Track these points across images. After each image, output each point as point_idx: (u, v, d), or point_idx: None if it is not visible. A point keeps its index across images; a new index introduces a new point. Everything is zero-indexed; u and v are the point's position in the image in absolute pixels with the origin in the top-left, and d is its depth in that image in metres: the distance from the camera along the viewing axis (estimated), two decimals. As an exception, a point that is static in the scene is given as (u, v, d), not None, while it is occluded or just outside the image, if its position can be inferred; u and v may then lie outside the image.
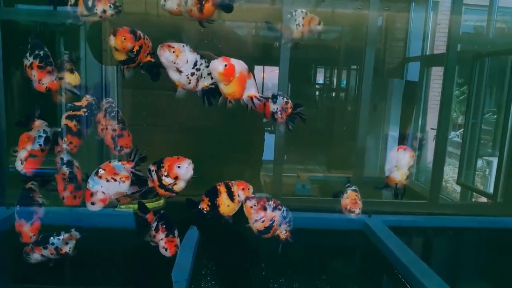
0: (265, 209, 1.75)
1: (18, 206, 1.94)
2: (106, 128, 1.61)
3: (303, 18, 2.12)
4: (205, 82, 1.64)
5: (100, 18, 1.57)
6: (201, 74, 1.60)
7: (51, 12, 4.28)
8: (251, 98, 1.61)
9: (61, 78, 1.74)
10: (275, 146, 3.59)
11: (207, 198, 1.79)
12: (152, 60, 1.61)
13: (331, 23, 6.28)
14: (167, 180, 1.61)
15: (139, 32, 1.60)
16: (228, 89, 1.57)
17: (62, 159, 1.82)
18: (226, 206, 1.77)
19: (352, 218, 2.04)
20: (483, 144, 5.73)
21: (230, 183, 1.84)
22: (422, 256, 3.49)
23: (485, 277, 3.58)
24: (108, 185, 1.63)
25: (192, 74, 1.59)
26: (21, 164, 1.78)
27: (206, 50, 1.68)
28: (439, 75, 5.81)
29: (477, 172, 5.67)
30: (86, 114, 1.71)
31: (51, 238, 1.86)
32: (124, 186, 1.67)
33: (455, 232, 4.20)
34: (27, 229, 1.83)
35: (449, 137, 5.58)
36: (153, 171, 1.66)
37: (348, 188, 1.99)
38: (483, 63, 5.21)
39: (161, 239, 1.78)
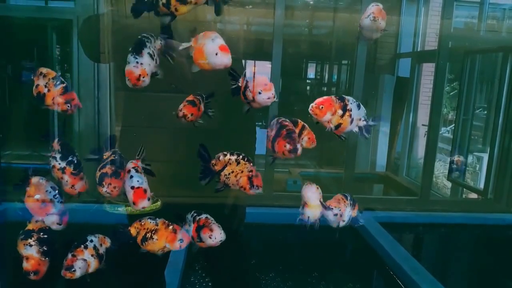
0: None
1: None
2: (241, 172, 1.59)
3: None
4: (157, 44, 1.57)
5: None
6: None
7: (43, 8, 4.22)
8: None
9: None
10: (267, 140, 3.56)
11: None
12: None
13: (322, 18, 6.27)
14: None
15: None
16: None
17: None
18: None
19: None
20: (473, 140, 5.75)
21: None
22: (413, 252, 3.50)
23: (475, 272, 3.60)
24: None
25: None
26: (60, 222, 1.72)
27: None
28: (430, 71, 5.81)
29: (467, 168, 5.69)
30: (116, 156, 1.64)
31: (88, 236, 1.73)
32: None
33: (446, 229, 4.22)
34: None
35: (440, 132, 5.58)
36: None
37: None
38: (474, 59, 5.22)
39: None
